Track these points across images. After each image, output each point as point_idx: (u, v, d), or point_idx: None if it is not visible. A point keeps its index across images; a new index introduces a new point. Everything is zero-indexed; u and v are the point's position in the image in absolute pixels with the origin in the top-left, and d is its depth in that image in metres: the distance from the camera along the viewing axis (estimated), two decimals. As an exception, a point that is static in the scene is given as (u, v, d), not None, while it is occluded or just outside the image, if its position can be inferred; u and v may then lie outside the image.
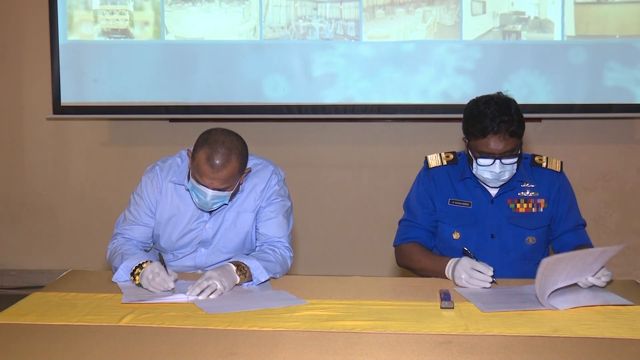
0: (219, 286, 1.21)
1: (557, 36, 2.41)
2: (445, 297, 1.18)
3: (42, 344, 0.99)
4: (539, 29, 2.42)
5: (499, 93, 1.38)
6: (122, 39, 2.50)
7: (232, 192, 1.34)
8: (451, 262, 1.31)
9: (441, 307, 1.15)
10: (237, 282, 1.27)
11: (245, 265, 1.29)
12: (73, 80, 2.50)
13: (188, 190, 1.38)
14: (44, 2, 2.51)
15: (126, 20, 2.50)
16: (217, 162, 1.27)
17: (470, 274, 1.25)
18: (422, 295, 1.24)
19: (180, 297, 1.19)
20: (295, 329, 1.05)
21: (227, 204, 1.38)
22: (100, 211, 2.68)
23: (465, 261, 1.28)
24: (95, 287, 1.27)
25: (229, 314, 1.12)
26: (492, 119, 1.30)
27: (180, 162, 1.44)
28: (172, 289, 1.23)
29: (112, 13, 2.50)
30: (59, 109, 2.53)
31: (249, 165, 1.42)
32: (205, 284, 1.21)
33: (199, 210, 1.42)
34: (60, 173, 2.75)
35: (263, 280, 1.31)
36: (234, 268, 1.27)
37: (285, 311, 1.14)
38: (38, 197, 2.76)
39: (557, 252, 1.44)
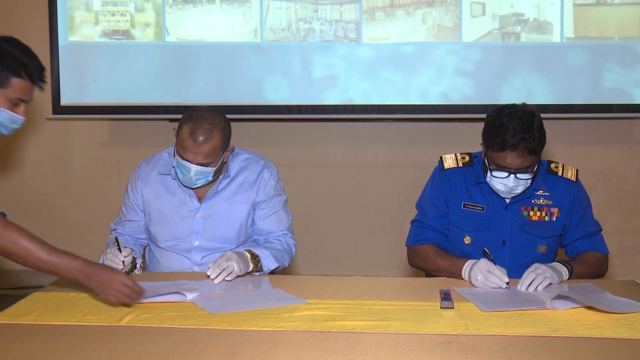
0: (235, 268, 1.26)
1: (556, 38, 2.41)
2: (445, 297, 1.18)
3: (42, 344, 0.99)
4: (538, 31, 2.42)
5: (524, 104, 1.34)
6: (123, 40, 2.50)
7: (215, 168, 1.36)
8: (469, 262, 1.31)
9: (441, 307, 1.16)
10: (250, 270, 1.32)
11: (257, 254, 1.35)
12: (73, 81, 2.50)
13: (175, 179, 1.41)
14: (44, 3, 2.52)
15: (127, 21, 2.50)
16: (200, 137, 1.31)
17: (486, 276, 1.25)
18: (422, 295, 1.24)
19: (180, 297, 1.19)
20: (295, 329, 1.05)
21: (210, 183, 1.40)
22: (100, 211, 2.68)
23: (484, 263, 1.27)
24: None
25: (229, 314, 1.12)
26: (513, 134, 1.27)
27: (167, 156, 1.48)
28: (122, 261, 1.30)
29: (113, 14, 2.51)
30: (58, 109, 2.53)
31: (240, 159, 1.46)
32: (224, 264, 1.25)
33: (187, 201, 1.43)
34: (61, 173, 2.75)
35: (272, 268, 1.37)
36: (249, 256, 1.33)
37: (285, 311, 1.14)
38: (38, 197, 2.76)
39: (569, 257, 1.43)
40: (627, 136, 2.58)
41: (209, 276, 1.28)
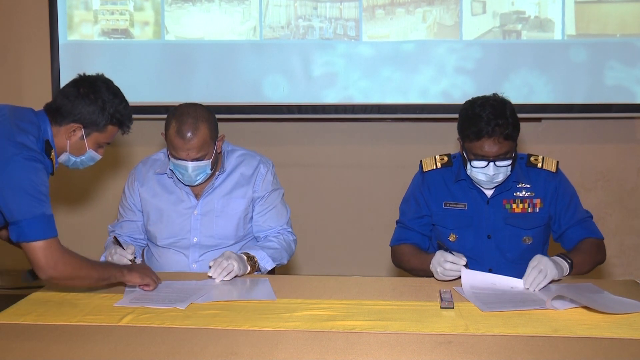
0: (235, 267, 1.28)
1: (557, 35, 2.41)
2: (445, 297, 1.19)
3: (42, 344, 1.00)
4: (539, 29, 2.41)
5: (495, 94, 1.37)
6: (122, 39, 2.50)
7: (211, 160, 1.37)
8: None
9: (441, 307, 1.16)
10: (248, 271, 1.34)
11: (254, 256, 1.36)
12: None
13: (171, 177, 1.42)
14: (44, 2, 2.51)
15: (126, 20, 2.50)
16: (187, 132, 1.32)
17: (443, 266, 1.27)
18: (422, 295, 1.24)
19: (173, 304, 1.17)
20: (295, 329, 1.05)
21: (209, 179, 1.40)
22: (100, 211, 2.68)
23: (438, 254, 1.29)
24: (95, 287, 1.27)
25: (229, 313, 1.13)
26: (487, 122, 1.30)
27: (163, 156, 1.50)
28: (131, 260, 1.31)
29: (112, 13, 2.50)
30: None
31: (236, 155, 1.47)
32: (225, 263, 1.27)
33: (185, 198, 1.44)
34: (60, 173, 2.74)
35: (270, 268, 1.39)
36: (246, 258, 1.35)
37: (285, 311, 1.14)
38: (38, 197, 2.75)
39: (566, 248, 1.42)
40: (627, 136, 2.58)
41: (210, 276, 1.30)
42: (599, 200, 2.55)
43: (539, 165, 1.43)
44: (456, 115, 2.74)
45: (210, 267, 1.30)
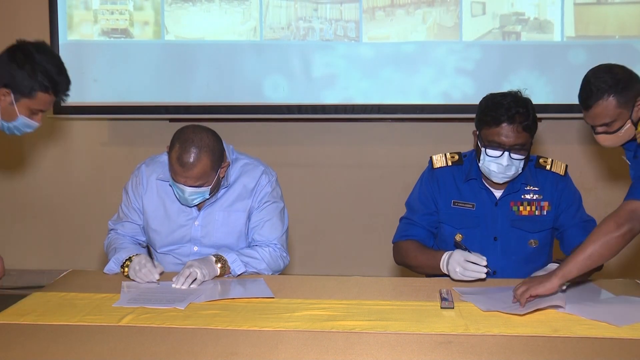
0: (199, 274, 1.27)
1: (556, 37, 2.41)
2: (445, 297, 1.19)
3: (42, 344, 0.99)
4: (538, 30, 2.42)
5: (518, 91, 1.38)
6: (122, 39, 2.50)
7: (210, 186, 1.35)
8: (445, 255, 1.31)
9: (441, 307, 1.16)
10: (218, 274, 1.32)
11: (224, 257, 1.34)
12: (73, 80, 2.46)
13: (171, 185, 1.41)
14: (44, 2, 2.52)
15: (126, 20, 2.50)
16: (187, 161, 1.29)
17: (464, 266, 1.25)
18: (422, 295, 1.24)
19: (172, 304, 1.17)
20: (295, 329, 1.05)
21: (208, 198, 1.39)
22: (100, 211, 2.67)
23: (458, 254, 1.27)
24: (95, 287, 1.28)
25: (229, 313, 1.13)
26: (507, 108, 1.32)
27: (167, 159, 1.46)
28: (157, 280, 1.29)
29: (112, 13, 2.50)
30: (59, 109, 2.53)
31: (239, 164, 1.44)
32: (187, 272, 1.27)
33: (186, 208, 1.43)
34: (61, 173, 2.75)
35: (240, 273, 1.35)
36: (214, 259, 1.33)
37: (285, 311, 1.14)
38: (38, 197, 2.76)
39: (564, 249, 1.41)
40: (627, 136, 2.58)
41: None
42: (599, 200, 2.55)
43: (548, 167, 1.43)
44: (456, 116, 2.73)
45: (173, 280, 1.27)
